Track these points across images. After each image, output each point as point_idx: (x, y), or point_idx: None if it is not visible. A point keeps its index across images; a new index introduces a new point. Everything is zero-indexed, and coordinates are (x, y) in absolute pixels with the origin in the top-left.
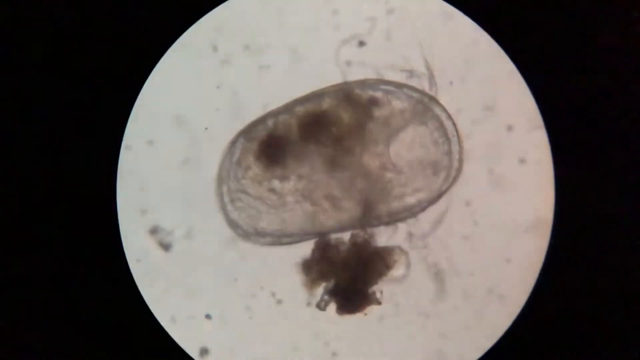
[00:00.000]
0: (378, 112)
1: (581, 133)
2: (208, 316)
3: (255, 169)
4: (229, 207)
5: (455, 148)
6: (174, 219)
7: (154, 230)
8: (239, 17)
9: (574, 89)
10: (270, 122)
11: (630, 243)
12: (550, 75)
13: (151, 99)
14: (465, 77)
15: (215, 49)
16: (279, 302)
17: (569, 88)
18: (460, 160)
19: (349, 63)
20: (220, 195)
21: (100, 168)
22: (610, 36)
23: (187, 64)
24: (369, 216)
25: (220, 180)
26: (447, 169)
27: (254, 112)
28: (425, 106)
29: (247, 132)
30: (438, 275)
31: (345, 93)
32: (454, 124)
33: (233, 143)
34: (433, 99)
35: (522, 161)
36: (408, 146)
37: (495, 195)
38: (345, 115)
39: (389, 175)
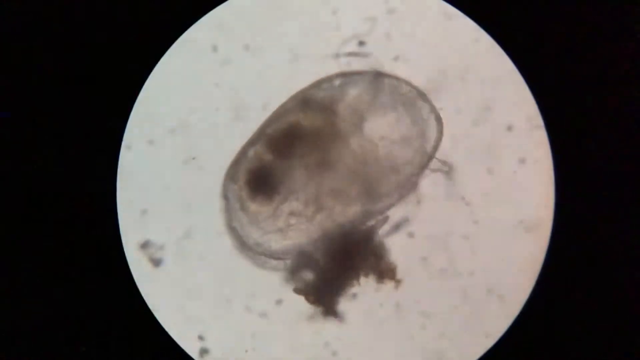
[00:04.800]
0: (340, 106)
1: (581, 133)
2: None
3: (263, 208)
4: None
5: (425, 110)
6: (173, 220)
7: (144, 245)
8: (239, 17)
9: (574, 89)
10: (248, 155)
11: (630, 243)
12: (550, 75)
13: (151, 99)
14: (465, 77)
15: (215, 49)
16: (279, 301)
17: (569, 88)
18: (436, 115)
19: (349, 63)
20: (245, 246)
21: (100, 168)
22: (610, 36)
23: (187, 64)
24: (375, 197)
25: (238, 235)
26: (425, 133)
27: (254, 112)
28: (378, 83)
29: (231, 174)
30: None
31: (303, 100)
32: (413, 87)
33: (225, 194)
34: (380, 74)
35: (522, 161)
36: (383, 127)
37: (495, 195)
38: (312, 121)
39: (377, 154)
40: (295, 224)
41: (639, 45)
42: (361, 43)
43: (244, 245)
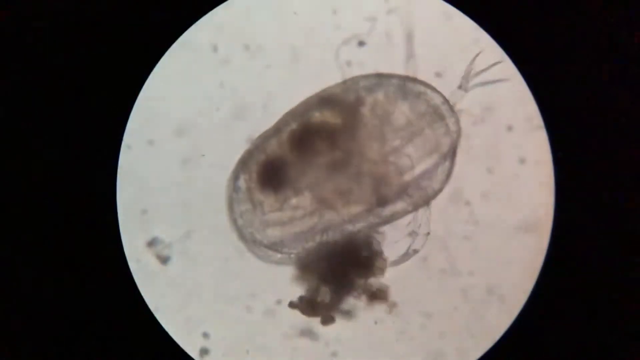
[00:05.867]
0: (364, 108)
1: (581, 133)
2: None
3: (269, 200)
4: (260, 241)
5: (447, 116)
6: (173, 220)
7: (151, 243)
8: (239, 17)
9: (574, 89)
10: (261, 148)
11: (630, 243)
12: (550, 75)
13: (151, 99)
14: (465, 77)
15: (215, 49)
16: (279, 301)
17: (569, 88)
18: (456, 122)
19: (349, 63)
20: (248, 235)
21: (100, 168)
22: (610, 36)
23: (187, 64)
24: (384, 199)
25: (239, 224)
26: (443, 139)
27: (254, 112)
28: (404, 88)
29: (243, 165)
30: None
31: (327, 99)
32: (438, 92)
33: (235, 183)
34: (410, 79)
35: (522, 161)
36: (402, 130)
37: (495, 195)
38: (334, 121)
39: (392, 157)
40: (300, 217)
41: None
42: (361, 43)
43: (249, 237)
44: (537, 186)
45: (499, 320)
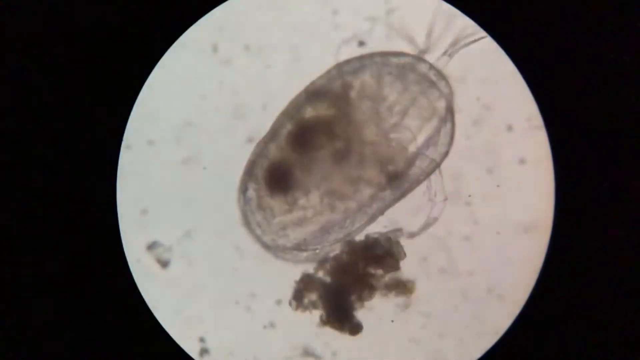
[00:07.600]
0: (353, 93)
1: (581, 133)
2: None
3: (277, 203)
4: (279, 242)
5: (440, 83)
6: (174, 220)
7: (151, 246)
8: (239, 17)
9: (574, 89)
10: (264, 154)
11: (631, 243)
12: (550, 75)
13: (151, 99)
14: (465, 77)
15: (215, 49)
16: (279, 302)
17: (569, 88)
18: (445, 81)
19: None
20: (270, 242)
21: (100, 168)
22: (610, 36)
23: (187, 64)
24: (394, 176)
25: (257, 234)
26: (440, 98)
27: (254, 112)
28: (388, 63)
29: (249, 176)
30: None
31: (313, 93)
32: (429, 63)
33: (244, 195)
34: (388, 54)
35: (522, 161)
36: (395, 102)
37: (495, 195)
38: (327, 112)
39: (392, 135)
40: (313, 214)
41: (639, 44)
42: (361, 43)
43: (271, 244)
44: (537, 186)
45: (499, 320)
